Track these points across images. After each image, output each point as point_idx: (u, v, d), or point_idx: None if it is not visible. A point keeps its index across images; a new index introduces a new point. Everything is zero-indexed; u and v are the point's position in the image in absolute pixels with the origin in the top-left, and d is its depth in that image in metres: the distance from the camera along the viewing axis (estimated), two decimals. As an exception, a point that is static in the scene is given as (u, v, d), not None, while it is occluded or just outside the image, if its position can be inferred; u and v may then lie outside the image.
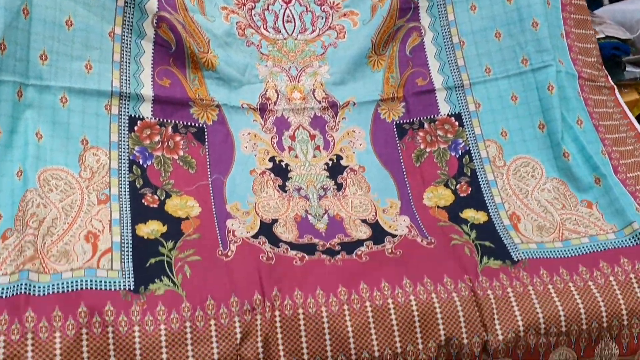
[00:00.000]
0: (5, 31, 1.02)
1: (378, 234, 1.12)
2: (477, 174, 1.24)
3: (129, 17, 1.16)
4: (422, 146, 1.27)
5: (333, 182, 1.21)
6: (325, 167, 1.23)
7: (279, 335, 0.94)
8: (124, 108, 1.14)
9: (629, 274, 1.07)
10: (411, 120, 1.29)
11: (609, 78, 1.42)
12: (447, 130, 1.28)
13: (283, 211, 1.14)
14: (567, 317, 1.02)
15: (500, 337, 0.99)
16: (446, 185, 1.23)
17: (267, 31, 1.32)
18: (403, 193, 1.21)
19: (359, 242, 1.10)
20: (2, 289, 0.88)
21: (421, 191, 1.22)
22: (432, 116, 1.29)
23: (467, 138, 1.27)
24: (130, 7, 1.16)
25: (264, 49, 1.30)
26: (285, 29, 1.33)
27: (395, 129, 1.29)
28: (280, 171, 1.20)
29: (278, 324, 0.94)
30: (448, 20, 1.33)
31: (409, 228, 1.14)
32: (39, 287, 0.89)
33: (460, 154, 1.26)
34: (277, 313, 0.95)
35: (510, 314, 1.01)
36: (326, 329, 0.95)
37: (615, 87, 1.42)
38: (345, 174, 1.22)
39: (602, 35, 1.77)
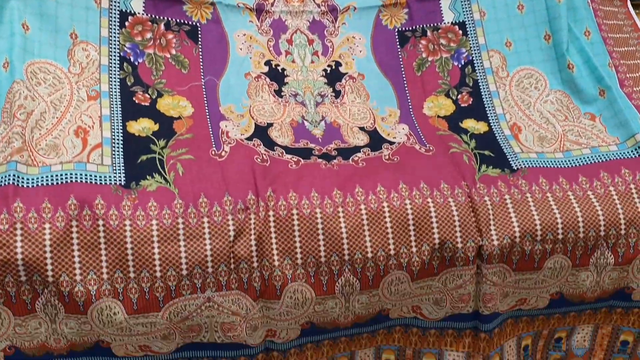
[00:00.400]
0: None
1: (376, 141, 1.10)
2: (479, 84, 1.21)
3: None
4: (424, 55, 1.23)
5: (331, 89, 1.17)
6: (324, 73, 1.19)
7: (273, 235, 0.93)
8: (115, 2, 1.09)
9: (629, 184, 1.05)
10: (414, 27, 1.24)
11: None
12: (451, 39, 1.24)
13: (279, 116, 1.11)
14: (565, 225, 1.01)
15: (496, 243, 0.98)
16: (447, 95, 1.20)
17: None
18: (403, 102, 1.18)
19: (356, 148, 1.08)
20: None
21: (421, 100, 1.19)
22: (435, 24, 1.24)
23: (470, 48, 1.23)
24: None
25: None
26: None
27: (397, 36, 1.24)
28: (277, 75, 1.16)
29: (272, 224, 0.93)
30: None
31: (408, 136, 1.12)
32: (28, 179, 0.87)
33: (462, 63, 1.22)
34: (271, 213, 0.94)
35: (506, 220, 1.00)
36: (320, 229, 0.94)
37: None
38: (343, 81, 1.19)
39: None
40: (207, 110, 1.08)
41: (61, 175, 0.89)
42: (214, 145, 1.02)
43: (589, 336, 1.22)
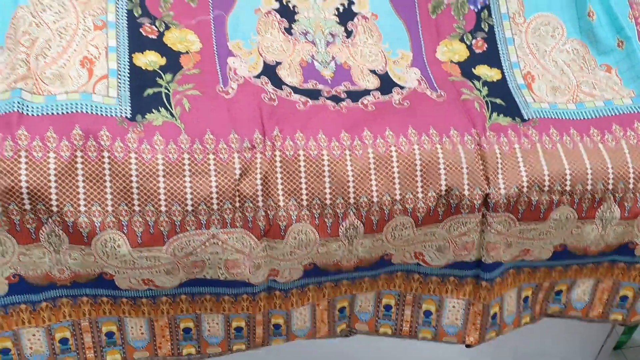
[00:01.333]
0: None
1: (386, 84, 1.08)
2: (495, 30, 1.17)
3: None
4: (440, -3, 1.20)
5: (343, 28, 1.14)
6: (336, 12, 1.15)
7: (279, 175, 0.92)
8: None
9: None
10: (431, -32, 1.20)
11: None
12: (468, -19, 1.20)
13: (288, 54, 1.09)
14: (573, 176, 1.00)
15: (503, 191, 0.98)
16: (461, 40, 1.17)
17: None
18: (415, 45, 1.15)
19: (366, 92, 1.06)
20: None
21: (435, 44, 1.15)
22: (453, -36, 1.20)
23: (487, -9, 1.19)
24: None
25: None
26: None
27: (413, -24, 1.20)
28: (287, 12, 1.13)
29: (278, 164, 0.92)
30: None
31: (419, 81, 1.09)
32: (33, 107, 0.86)
33: (479, 7, 1.19)
34: (277, 153, 0.93)
35: (515, 169, 0.99)
36: (326, 171, 0.93)
37: None
38: (356, 20, 1.15)
39: None
40: (215, 46, 1.05)
41: (66, 104, 0.88)
42: (221, 82, 1.00)
43: (589, 290, 1.22)
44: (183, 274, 0.96)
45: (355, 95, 1.05)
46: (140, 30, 1.01)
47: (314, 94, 1.03)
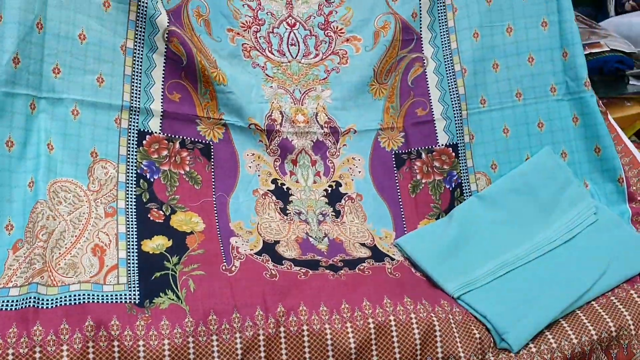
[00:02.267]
0: (19, 45, 1.04)
1: (377, 254, 1.17)
2: None
3: (140, 31, 1.18)
4: (418, 177, 1.32)
5: (331, 208, 1.24)
6: (325, 193, 1.26)
7: (283, 352, 0.97)
8: (134, 122, 1.15)
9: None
10: (410, 150, 1.33)
11: (601, 102, 1.45)
12: (444, 161, 1.32)
13: (284, 233, 1.17)
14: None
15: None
16: (438, 219, 1.27)
17: (272, 54, 1.35)
18: (398, 224, 1.26)
19: (360, 259, 1.14)
20: (12, 301, 0.89)
21: (415, 223, 1.26)
22: (430, 146, 1.33)
23: (460, 170, 1.31)
24: (141, 21, 1.18)
25: (268, 70, 1.33)
26: (289, 52, 1.36)
27: (394, 159, 1.33)
28: (282, 194, 1.23)
29: (283, 340, 0.97)
30: (451, 49, 1.37)
31: (404, 258, 1.19)
32: (47, 300, 0.91)
33: (453, 186, 1.31)
34: (281, 329, 0.98)
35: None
36: (329, 345, 0.98)
37: (607, 112, 1.45)
38: (343, 201, 1.26)
39: (607, 49, 1.82)
40: (217, 226, 1.13)
41: (79, 295, 0.93)
42: (224, 261, 1.07)
43: None
44: None
45: (351, 264, 1.12)
46: (149, 215, 1.09)
47: (313, 265, 1.11)
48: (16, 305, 0.89)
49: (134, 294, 0.97)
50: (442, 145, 1.33)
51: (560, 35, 1.32)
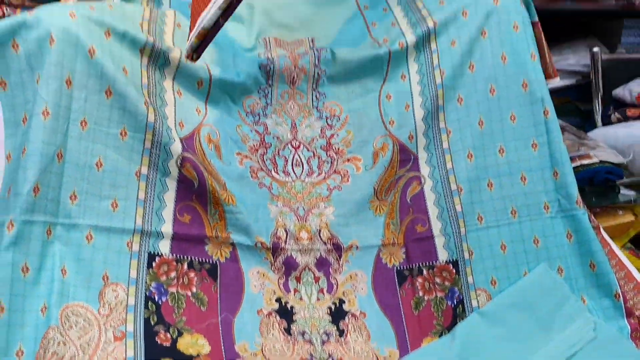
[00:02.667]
0: (40, 175, 1.10)
1: None
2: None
3: (154, 158, 1.25)
4: (420, 293, 1.34)
5: (335, 327, 1.26)
6: (328, 311, 1.29)
7: None
8: (144, 245, 1.20)
9: None
10: (411, 266, 1.37)
11: (593, 217, 1.49)
12: (445, 277, 1.35)
13: (289, 354, 1.19)
14: None
15: None
16: (441, 337, 1.29)
17: (278, 174, 1.42)
18: (402, 342, 1.27)
19: None
20: None
21: (419, 341, 1.27)
22: (430, 262, 1.37)
23: (461, 287, 1.34)
24: (156, 148, 1.25)
25: (274, 190, 1.39)
26: (294, 172, 1.43)
27: (395, 275, 1.36)
28: (286, 313, 1.26)
29: None
30: (447, 169, 1.44)
31: None
32: None
33: (455, 303, 1.33)
34: None
35: None
36: None
37: (600, 225, 1.49)
38: (347, 319, 1.28)
39: (597, 160, 1.89)
40: (223, 348, 1.15)
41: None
42: None
43: None
44: None
45: None
46: (156, 339, 1.11)
47: None
48: None
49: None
50: (443, 261, 1.37)
51: (550, 156, 1.39)
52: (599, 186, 1.96)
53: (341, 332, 1.26)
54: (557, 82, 1.61)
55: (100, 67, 1.19)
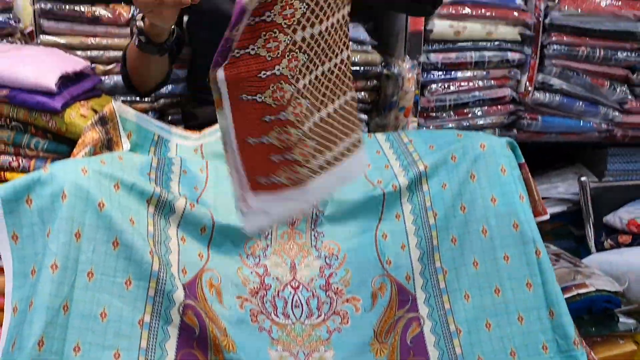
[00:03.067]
0: (45, 328, 1.13)
1: None
2: None
3: (157, 306, 1.28)
4: None
5: None
6: None
7: None
8: None
9: None
10: None
11: (593, 354, 1.49)
12: None
13: None
14: None
15: None
16: None
17: (277, 317, 1.43)
18: None
19: None
20: None
21: None
22: None
23: None
24: (159, 296, 1.28)
25: (274, 334, 1.40)
26: (293, 314, 1.45)
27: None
28: None
29: None
30: (445, 310, 1.46)
31: None
32: None
33: None
34: None
35: None
36: None
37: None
38: None
39: (593, 289, 1.91)
40: None
41: None
42: None
43: None
44: None
45: None
46: None
47: None
48: None
49: None
50: None
51: (545, 296, 1.42)
52: (597, 315, 1.97)
53: None
54: (546, 217, 1.68)
55: (108, 219, 1.24)
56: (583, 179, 2.47)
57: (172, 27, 1.64)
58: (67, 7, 2.02)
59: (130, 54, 1.77)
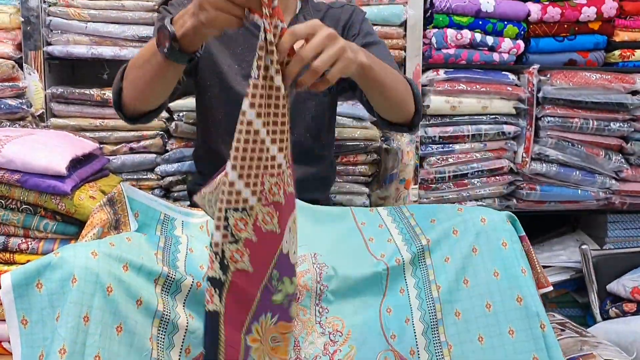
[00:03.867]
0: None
1: None
2: None
3: (162, 332, 1.33)
4: None
5: None
6: None
7: None
8: None
9: None
10: None
11: None
12: None
13: None
14: None
15: None
16: None
17: None
18: None
19: None
20: None
21: None
22: None
23: None
24: (164, 323, 1.33)
25: None
26: None
27: None
28: None
29: None
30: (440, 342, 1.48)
31: None
32: None
33: None
34: None
35: None
36: None
37: None
38: None
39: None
40: None
41: None
42: None
43: None
44: None
45: None
46: None
47: None
48: None
49: None
50: None
51: None
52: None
53: None
54: (549, 289, 1.68)
55: (115, 304, 1.26)
56: (584, 247, 2.49)
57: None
58: (77, 91, 2.12)
59: (140, 64, 1.60)
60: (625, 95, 2.41)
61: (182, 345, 1.37)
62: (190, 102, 2.20)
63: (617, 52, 2.50)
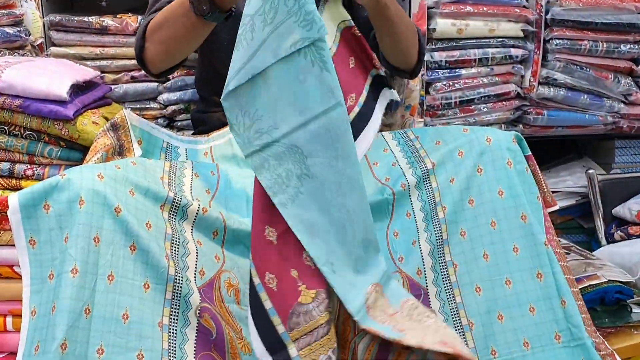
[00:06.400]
0: (68, 332, 1.16)
1: None
2: None
3: (175, 309, 1.30)
4: None
5: None
6: None
7: None
8: None
9: None
10: None
11: (607, 344, 1.50)
12: None
13: None
14: None
15: None
16: None
17: None
18: None
19: None
20: None
21: None
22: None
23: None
24: (176, 299, 1.30)
25: None
26: None
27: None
28: None
29: None
30: (456, 303, 1.47)
31: None
32: None
33: None
34: None
35: None
36: None
37: (614, 352, 1.50)
38: None
39: (605, 280, 1.90)
40: None
41: None
42: None
43: None
44: None
45: None
46: None
47: None
48: None
49: None
50: None
51: (556, 285, 1.43)
52: (610, 306, 1.97)
53: None
54: (556, 208, 1.69)
55: (125, 224, 1.27)
56: (590, 171, 2.48)
57: None
58: (76, 18, 2.07)
59: (169, 24, 1.59)
60: (637, 15, 2.33)
61: (195, 267, 1.38)
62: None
63: (629, -30, 2.41)
